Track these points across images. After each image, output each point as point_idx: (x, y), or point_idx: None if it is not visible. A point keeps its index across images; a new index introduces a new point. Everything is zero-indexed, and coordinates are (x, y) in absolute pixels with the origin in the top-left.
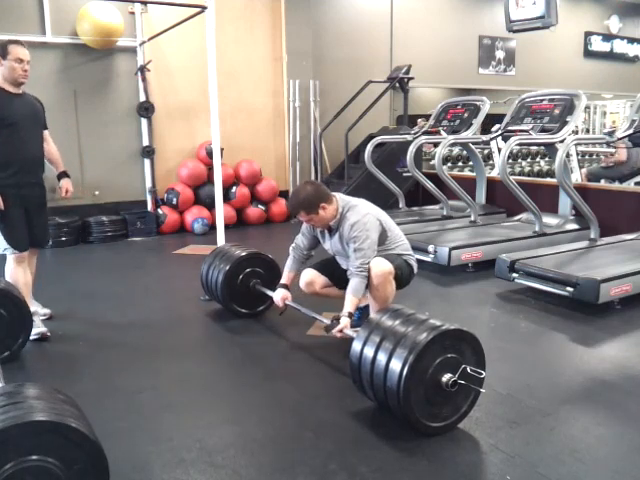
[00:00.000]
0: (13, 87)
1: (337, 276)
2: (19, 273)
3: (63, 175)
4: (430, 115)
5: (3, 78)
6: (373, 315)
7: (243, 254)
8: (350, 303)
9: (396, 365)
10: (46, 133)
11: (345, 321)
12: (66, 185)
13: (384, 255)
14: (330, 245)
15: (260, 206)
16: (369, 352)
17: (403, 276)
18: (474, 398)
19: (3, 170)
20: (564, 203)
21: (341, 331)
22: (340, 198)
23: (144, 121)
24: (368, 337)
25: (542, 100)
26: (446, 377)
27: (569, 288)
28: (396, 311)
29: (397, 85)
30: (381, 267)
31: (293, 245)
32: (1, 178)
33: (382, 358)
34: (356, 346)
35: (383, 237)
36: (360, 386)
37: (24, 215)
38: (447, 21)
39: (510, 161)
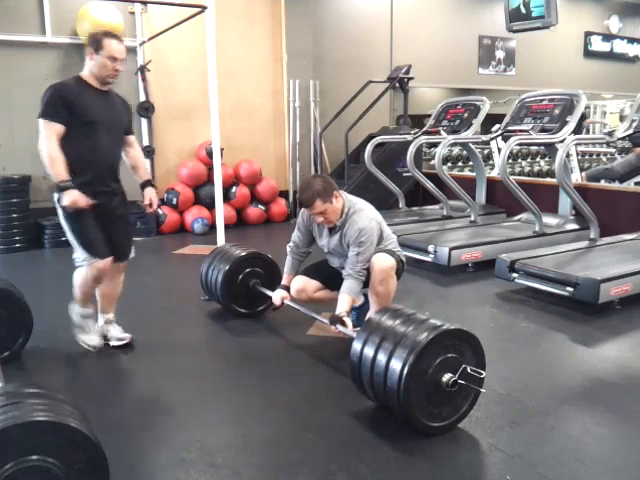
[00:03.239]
0: (99, 84)
1: (329, 278)
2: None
3: (147, 184)
4: (429, 115)
5: (90, 72)
6: (373, 315)
7: (243, 254)
8: (345, 302)
9: (396, 365)
10: (132, 138)
11: (349, 321)
12: (149, 195)
13: (382, 251)
14: (326, 242)
15: (260, 206)
16: (369, 352)
17: (399, 271)
18: (474, 398)
19: (77, 174)
20: (564, 203)
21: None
22: (345, 197)
23: (144, 121)
24: (368, 337)
25: (542, 100)
26: (446, 377)
27: (569, 288)
28: (396, 311)
29: (397, 85)
30: (385, 262)
31: (290, 244)
32: (76, 183)
33: (382, 358)
34: (356, 346)
35: (380, 238)
36: (360, 386)
37: (100, 226)
38: (447, 21)
39: (510, 161)
